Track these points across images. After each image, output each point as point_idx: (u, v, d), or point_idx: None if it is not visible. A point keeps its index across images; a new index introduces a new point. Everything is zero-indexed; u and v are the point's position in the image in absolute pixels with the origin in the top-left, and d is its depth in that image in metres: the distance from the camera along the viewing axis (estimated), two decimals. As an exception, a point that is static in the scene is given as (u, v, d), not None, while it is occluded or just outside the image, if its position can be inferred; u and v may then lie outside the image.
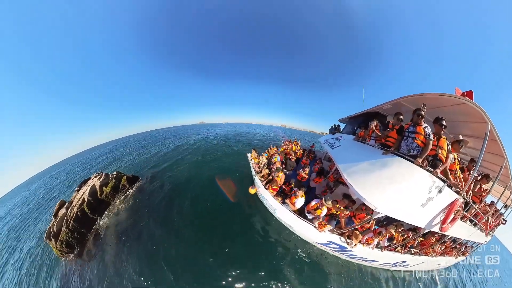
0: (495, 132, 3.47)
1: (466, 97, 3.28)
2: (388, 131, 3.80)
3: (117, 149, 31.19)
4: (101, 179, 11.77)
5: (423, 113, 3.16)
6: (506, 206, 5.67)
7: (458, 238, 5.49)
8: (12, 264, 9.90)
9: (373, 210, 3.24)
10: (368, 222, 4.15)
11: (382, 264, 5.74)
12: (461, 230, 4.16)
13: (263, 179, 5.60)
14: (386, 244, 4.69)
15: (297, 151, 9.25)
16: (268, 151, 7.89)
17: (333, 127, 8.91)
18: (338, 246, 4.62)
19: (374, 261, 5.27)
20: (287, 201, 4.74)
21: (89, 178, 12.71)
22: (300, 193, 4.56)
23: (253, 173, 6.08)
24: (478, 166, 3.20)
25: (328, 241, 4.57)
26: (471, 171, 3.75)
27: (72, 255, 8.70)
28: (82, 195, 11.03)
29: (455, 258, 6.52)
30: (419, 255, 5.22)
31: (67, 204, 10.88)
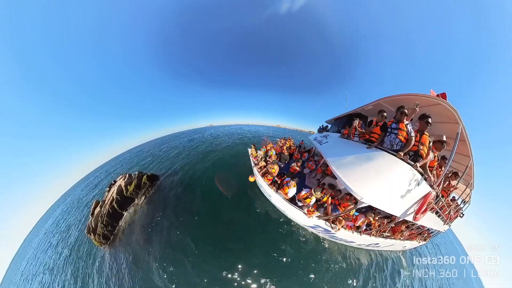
0: (465, 133, 3.33)
1: (441, 98, 3.04)
2: (373, 127, 3.61)
3: (141, 152, 29.91)
4: (125, 180, 12.13)
5: (406, 111, 2.98)
6: (464, 202, 5.61)
7: (423, 226, 5.41)
8: (67, 248, 10.98)
9: (358, 199, 3.07)
10: (350, 212, 4.05)
11: (358, 245, 5.77)
12: (428, 220, 4.00)
13: (260, 170, 5.64)
14: (364, 229, 4.63)
15: (292, 146, 9.23)
16: (265, 146, 7.89)
17: (321, 127, 8.69)
18: (323, 230, 4.58)
19: (352, 242, 5.30)
20: (280, 191, 4.67)
21: (116, 180, 13.19)
22: (293, 183, 4.48)
23: (252, 164, 6.17)
24: (450, 164, 3.03)
25: (315, 225, 4.50)
26: (443, 168, 3.57)
27: (108, 243, 9.54)
28: (111, 194, 11.61)
29: (418, 242, 6.55)
30: (390, 238, 5.16)
31: (100, 203, 11.61)
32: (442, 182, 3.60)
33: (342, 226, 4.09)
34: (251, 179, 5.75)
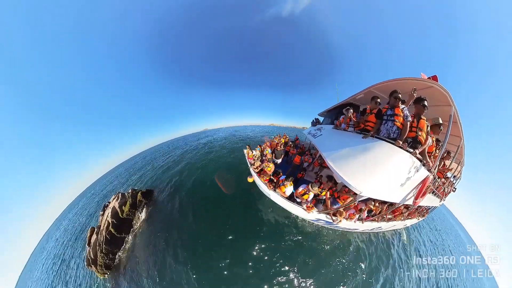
0: (457, 115, 3.19)
1: (433, 81, 2.96)
2: (367, 115, 3.35)
3: (132, 166, 28.05)
4: (119, 200, 11.05)
5: (399, 95, 2.74)
6: (455, 177, 5.82)
7: (421, 206, 5.51)
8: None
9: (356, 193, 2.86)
10: (352, 202, 3.85)
11: (362, 231, 5.84)
12: (426, 200, 3.88)
13: (256, 170, 5.49)
14: (366, 216, 4.53)
15: (289, 142, 9.11)
16: (260, 146, 7.70)
17: (314, 120, 8.60)
18: (325, 222, 4.44)
19: (356, 229, 5.24)
20: (277, 190, 4.50)
21: (109, 202, 11.98)
22: (289, 182, 4.34)
23: (249, 165, 6.03)
24: (445, 146, 2.86)
25: (317, 218, 4.38)
26: (438, 150, 3.41)
27: (111, 272, 8.58)
28: (106, 218, 10.45)
29: (418, 219, 7.01)
30: (392, 221, 5.21)
31: (96, 229, 10.45)
32: (438, 165, 3.52)
33: (343, 217, 3.97)
34: (249, 179, 5.67)
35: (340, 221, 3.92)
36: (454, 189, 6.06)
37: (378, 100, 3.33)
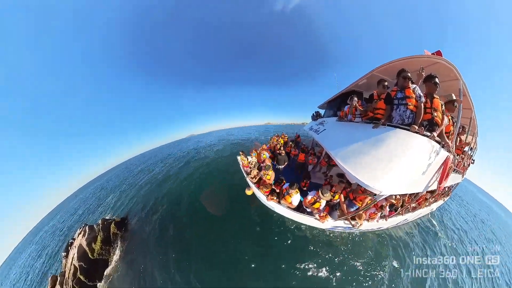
0: (465, 88, 3.39)
1: (438, 56, 3.13)
2: (375, 102, 3.38)
3: (103, 186, 26.07)
4: (86, 235, 9.74)
5: (409, 74, 2.79)
6: (471, 149, 6.23)
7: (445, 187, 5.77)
8: None
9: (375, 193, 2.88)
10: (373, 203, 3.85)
11: (387, 228, 5.97)
12: (449, 180, 4.16)
13: (253, 180, 5.31)
14: (388, 211, 4.63)
15: (290, 142, 8.93)
16: (256, 151, 7.44)
17: (314, 114, 8.70)
18: (343, 227, 4.38)
19: (380, 227, 5.27)
20: (282, 201, 4.34)
21: (74, 239, 10.67)
22: (294, 190, 4.14)
23: (245, 175, 5.83)
24: (459, 122, 3.05)
25: (333, 226, 4.33)
26: (453, 128, 3.65)
27: None
28: (71, 261, 9.16)
29: (443, 200, 7.71)
30: (417, 209, 5.44)
31: (59, 277, 9.03)
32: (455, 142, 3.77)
33: (364, 220, 3.96)
34: (247, 192, 5.44)
35: (361, 224, 3.88)
36: (472, 161, 6.68)
37: (386, 83, 3.36)
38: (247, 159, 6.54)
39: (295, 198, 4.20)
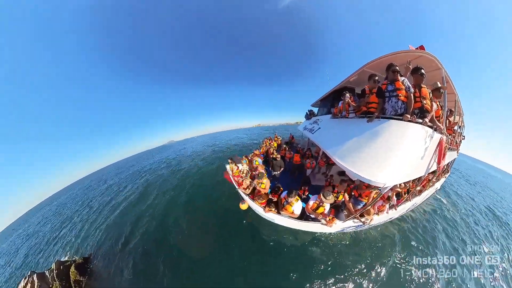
0: (447, 75, 3.90)
1: (421, 50, 3.54)
2: (367, 96, 3.69)
3: (55, 212, 21.04)
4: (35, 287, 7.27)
5: (397, 68, 3.14)
6: (460, 127, 7.44)
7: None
8: None
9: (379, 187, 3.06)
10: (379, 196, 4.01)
11: (398, 216, 6.18)
12: (446, 158, 4.72)
13: (247, 191, 5.04)
14: (396, 200, 4.92)
15: (283, 145, 8.93)
16: (247, 157, 7.32)
17: (308, 113, 9.04)
18: (354, 227, 4.47)
19: (391, 218, 5.45)
20: (282, 212, 4.24)
21: None
22: (294, 198, 4.08)
23: (236, 186, 5.42)
24: (446, 106, 3.55)
25: (343, 228, 4.37)
26: (442, 112, 4.12)
27: None
28: None
29: (445, 177, 9.23)
30: (423, 192, 6.04)
31: None
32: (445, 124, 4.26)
33: (374, 214, 4.12)
34: (242, 206, 5.09)
35: (372, 219, 4.02)
36: (463, 137, 8.39)
37: (376, 78, 3.72)
38: (238, 167, 6.25)
39: (297, 206, 4.13)
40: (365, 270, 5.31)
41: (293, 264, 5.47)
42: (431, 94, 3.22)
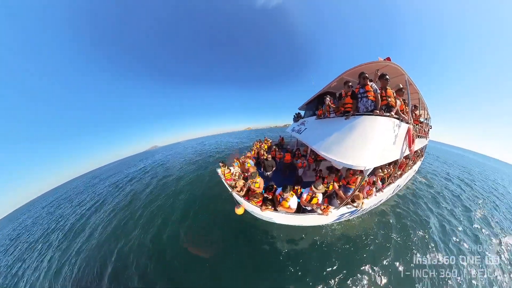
0: (409, 78, 4.90)
1: (388, 61, 4.36)
2: (344, 98, 4.41)
3: (17, 237, 12.54)
4: None
5: (367, 75, 3.90)
6: (426, 119, 9.30)
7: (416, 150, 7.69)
8: None
9: (362, 170, 3.57)
10: (364, 180, 4.34)
11: (386, 199, 6.77)
12: (417, 144, 5.82)
13: (241, 193, 5.06)
14: (381, 184, 5.49)
15: (273, 146, 9.30)
16: (238, 159, 7.39)
17: (296, 116, 9.75)
18: (349, 213, 4.74)
19: (380, 201, 6.01)
20: (280, 208, 4.40)
21: None
22: (289, 194, 4.27)
23: (229, 190, 5.34)
24: (410, 103, 4.60)
25: (339, 216, 4.65)
26: (407, 107, 4.88)
27: None
28: None
29: (421, 161, 10.85)
30: (403, 174, 6.83)
31: None
32: (411, 116, 5.03)
33: (364, 198, 4.50)
34: (238, 211, 4.77)
35: (363, 203, 4.42)
36: (430, 127, 10.35)
37: (350, 83, 4.54)
38: (230, 170, 6.23)
39: (293, 201, 4.28)
40: (365, 268, 4.89)
41: (291, 265, 5.01)
42: (394, 94, 4.02)
